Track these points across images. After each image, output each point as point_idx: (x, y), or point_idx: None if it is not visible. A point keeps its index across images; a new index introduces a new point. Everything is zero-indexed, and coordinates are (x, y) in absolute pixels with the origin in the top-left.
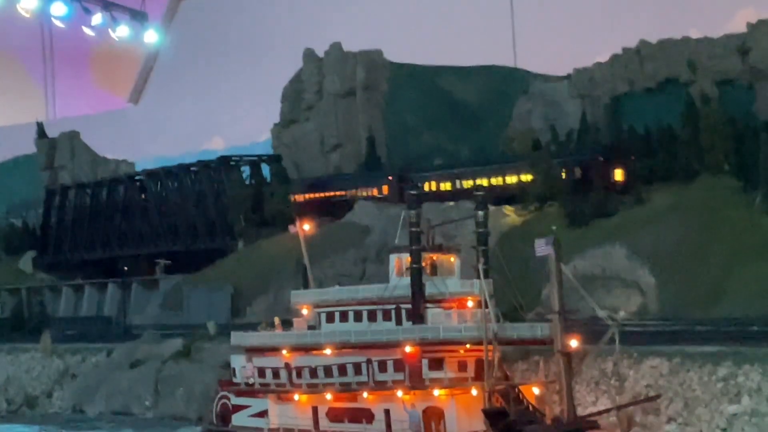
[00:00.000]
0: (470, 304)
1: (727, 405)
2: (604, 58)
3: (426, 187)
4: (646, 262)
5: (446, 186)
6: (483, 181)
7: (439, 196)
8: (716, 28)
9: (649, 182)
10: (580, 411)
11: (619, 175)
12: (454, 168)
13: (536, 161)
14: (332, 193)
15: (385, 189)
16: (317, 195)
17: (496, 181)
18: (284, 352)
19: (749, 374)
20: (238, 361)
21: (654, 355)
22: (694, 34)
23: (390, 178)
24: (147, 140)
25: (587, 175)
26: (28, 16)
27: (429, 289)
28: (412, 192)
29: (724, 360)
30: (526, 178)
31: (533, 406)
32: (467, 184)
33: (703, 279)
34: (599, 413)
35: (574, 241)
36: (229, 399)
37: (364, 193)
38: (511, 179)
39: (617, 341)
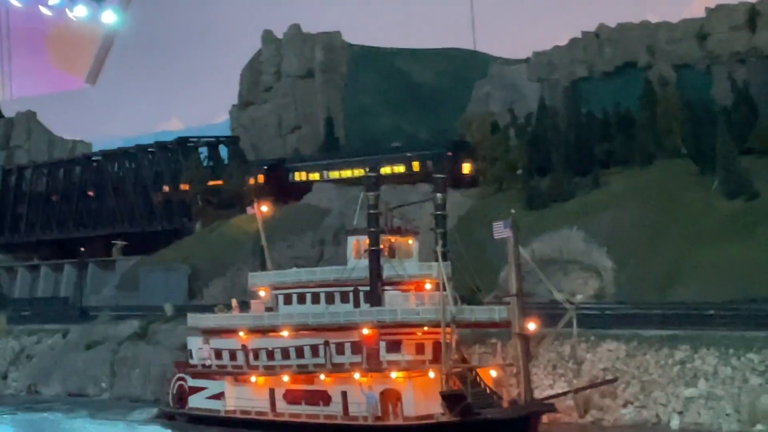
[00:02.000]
0: (428, 286)
1: (683, 388)
2: (563, 41)
3: (297, 177)
4: (603, 245)
5: (315, 176)
6: (353, 172)
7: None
8: (675, 12)
9: (607, 166)
10: (538, 394)
11: (466, 168)
12: (326, 160)
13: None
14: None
15: (261, 178)
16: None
17: (359, 172)
18: (241, 333)
19: (706, 358)
20: (194, 343)
21: (611, 339)
22: (653, 19)
23: (266, 168)
24: (104, 121)
25: (438, 168)
26: None
27: (387, 272)
28: (371, 175)
29: (680, 343)
30: (399, 169)
31: (490, 389)
32: (334, 174)
33: (660, 262)
34: (556, 396)
35: (531, 224)
36: (185, 381)
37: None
38: (386, 170)
39: (575, 324)
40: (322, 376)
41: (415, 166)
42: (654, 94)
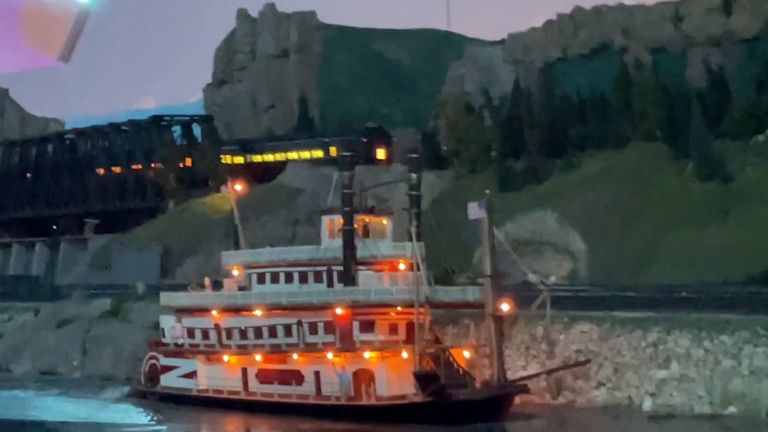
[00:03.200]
0: (402, 266)
1: (656, 370)
2: (538, 23)
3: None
4: (577, 227)
5: (239, 160)
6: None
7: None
8: None
9: (581, 148)
10: (510, 375)
11: (381, 154)
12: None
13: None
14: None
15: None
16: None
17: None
18: (214, 312)
19: (678, 340)
20: (167, 322)
21: (584, 321)
22: (629, 1)
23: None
24: (77, 99)
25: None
26: None
27: (361, 252)
28: (346, 153)
29: (653, 325)
30: (317, 153)
31: (463, 370)
32: (257, 158)
33: (634, 245)
34: (529, 377)
35: (505, 206)
36: (157, 359)
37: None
38: (304, 154)
39: (548, 306)
40: (295, 356)
41: (332, 151)
42: (629, 77)
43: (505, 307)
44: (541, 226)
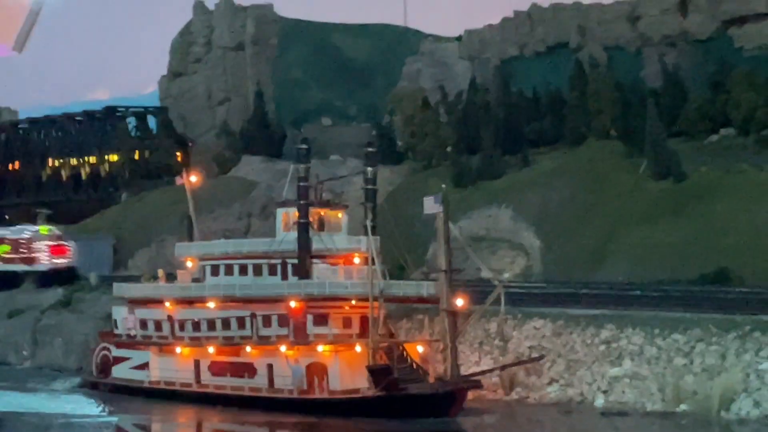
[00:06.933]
0: (357, 260)
1: (608, 367)
2: (495, 20)
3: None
4: (531, 224)
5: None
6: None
7: None
8: None
9: (537, 145)
10: (464, 370)
11: (178, 157)
12: None
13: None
14: None
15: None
16: None
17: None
18: (167, 304)
19: (631, 337)
20: (119, 313)
21: (538, 317)
22: (586, 0)
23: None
24: (31, 89)
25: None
26: None
27: (316, 245)
28: (302, 146)
29: (606, 323)
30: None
31: (417, 365)
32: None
33: (588, 242)
34: (482, 373)
35: (459, 201)
36: (109, 350)
37: None
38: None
39: (503, 302)
40: (248, 349)
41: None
42: (584, 75)
43: (459, 302)
44: (495, 222)
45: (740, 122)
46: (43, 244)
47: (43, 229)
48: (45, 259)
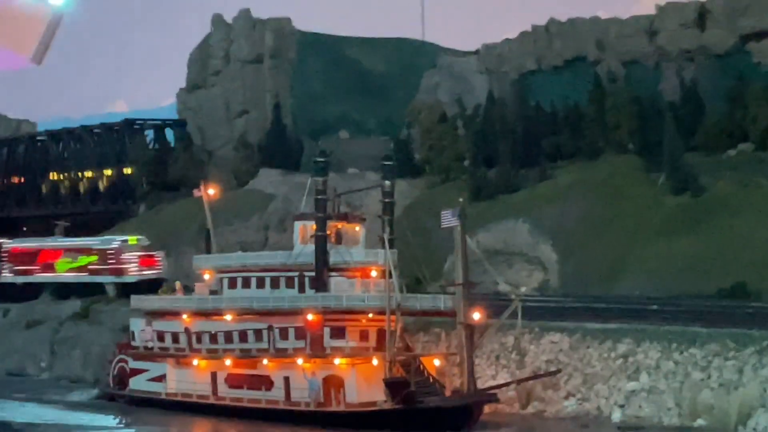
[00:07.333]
0: (374, 273)
1: (625, 381)
2: (513, 34)
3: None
4: (548, 238)
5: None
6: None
7: None
8: (625, 9)
9: (554, 159)
10: (480, 384)
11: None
12: None
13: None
14: None
15: None
16: None
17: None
18: (184, 316)
19: (648, 352)
20: (137, 325)
21: (555, 331)
22: (603, 15)
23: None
24: (50, 101)
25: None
26: None
27: (333, 258)
28: (320, 159)
29: (624, 337)
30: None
31: (433, 378)
32: None
33: (605, 256)
34: (499, 386)
35: (477, 215)
36: (126, 362)
37: None
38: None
39: (519, 315)
40: (265, 361)
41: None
42: (603, 89)
43: (476, 315)
44: (512, 236)
45: (758, 137)
46: (133, 255)
47: (132, 239)
48: (134, 270)
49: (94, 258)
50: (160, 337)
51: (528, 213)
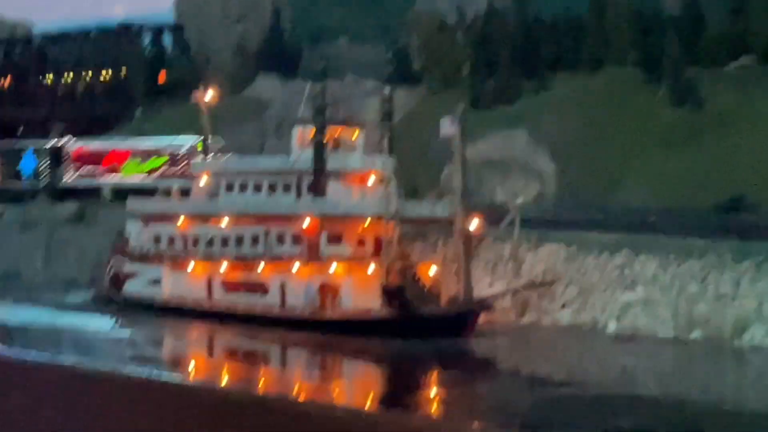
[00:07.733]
0: (372, 180)
1: (621, 293)
2: None
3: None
4: (546, 148)
5: None
6: None
7: None
8: None
9: (554, 70)
10: (476, 293)
11: (161, 78)
12: None
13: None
14: None
15: None
16: None
17: None
18: (181, 220)
19: (645, 263)
20: (133, 228)
21: (552, 241)
22: None
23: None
24: (45, 5)
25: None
26: None
27: (331, 163)
28: (319, 64)
29: (621, 248)
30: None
31: (429, 286)
32: None
33: (603, 167)
34: (495, 295)
35: (475, 125)
36: (122, 265)
37: None
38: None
39: (517, 225)
40: (261, 266)
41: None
42: (604, 0)
43: (474, 224)
44: (510, 146)
45: (760, 49)
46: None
47: (200, 144)
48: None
49: (165, 158)
50: (156, 240)
51: (526, 123)
